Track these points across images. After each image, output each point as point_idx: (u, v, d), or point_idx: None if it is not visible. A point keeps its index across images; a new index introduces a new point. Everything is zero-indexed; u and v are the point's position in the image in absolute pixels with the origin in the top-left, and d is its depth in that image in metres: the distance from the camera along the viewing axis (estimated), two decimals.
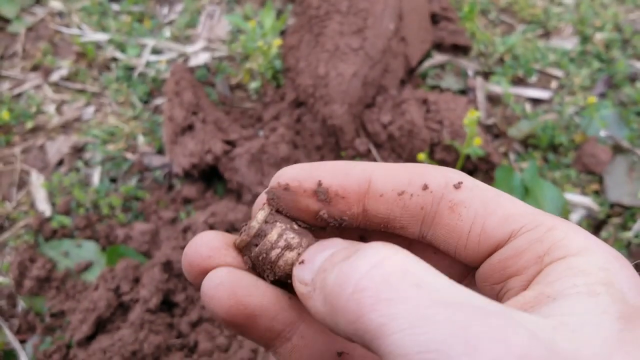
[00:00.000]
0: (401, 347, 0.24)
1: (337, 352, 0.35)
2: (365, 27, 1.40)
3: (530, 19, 1.79)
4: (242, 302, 0.33)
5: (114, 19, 1.79)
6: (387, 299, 0.25)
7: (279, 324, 0.35)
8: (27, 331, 1.15)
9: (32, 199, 1.37)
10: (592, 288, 0.28)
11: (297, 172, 0.36)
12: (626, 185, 1.35)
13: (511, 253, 0.33)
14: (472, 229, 0.34)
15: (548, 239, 0.32)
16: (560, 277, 0.29)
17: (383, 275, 0.26)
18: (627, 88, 1.56)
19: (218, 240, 0.36)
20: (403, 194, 0.35)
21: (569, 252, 0.31)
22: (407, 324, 0.24)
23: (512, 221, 0.33)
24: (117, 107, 1.57)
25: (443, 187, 0.35)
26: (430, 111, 1.38)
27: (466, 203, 0.34)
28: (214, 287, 0.33)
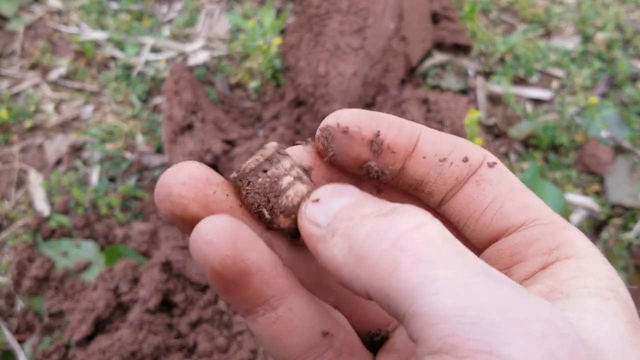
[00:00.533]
0: (439, 308, 0.23)
1: (323, 331, 0.33)
2: (366, 27, 1.40)
3: (531, 18, 1.78)
4: (240, 254, 0.30)
5: (112, 17, 1.79)
6: (428, 261, 0.25)
7: (270, 289, 0.32)
8: (25, 331, 1.15)
9: (30, 198, 1.36)
10: (602, 292, 0.29)
11: (358, 118, 0.35)
12: (627, 185, 1.35)
13: (523, 240, 0.33)
14: (490, 206, 0.34)
15: (560, 235, 0.32)
16: (572, 276, 0.30)
17: (424, 238, 0.26)
18: (628, 88, 1.56)
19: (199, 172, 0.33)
20: (444, 160, 0.35)
21: (578, 253, 0.31)
22: (448, 288, 0.24)
23: (530, 211, 0.34)
24: (116, 106, 1.56)
25: (480, 162, 0.35)
26: (431, 111, 1.37)
27: (493, 181, 0.35)
28: (214, 231, 0.30)
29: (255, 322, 0.33)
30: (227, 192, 0.34)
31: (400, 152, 0.35)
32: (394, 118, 0.36)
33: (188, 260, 1.13)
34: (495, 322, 0.23)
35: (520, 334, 0.23)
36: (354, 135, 0.35)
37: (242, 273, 0.31)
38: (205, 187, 0.33)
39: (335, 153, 0.35)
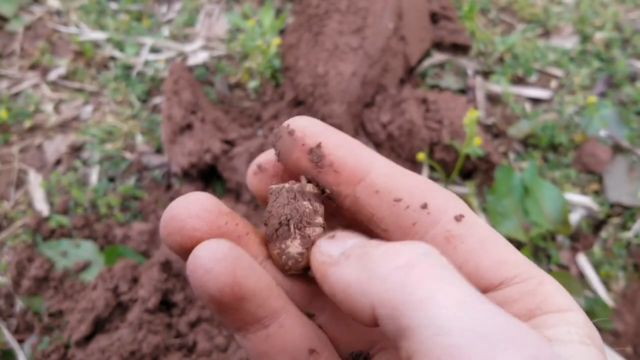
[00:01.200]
0: (443, 320, 0.25)
1: (310, 349, 0.34)
2: (365, 26, 1.40)
3: (530, 18, 1.78)
4: (238, 282, 0.31)
5: (112, 17, 1.79)
6: (436, 279, 0.26)
7: (264, 310, 0.33)
8: (25, 331, 1.15)
9: (30, 198, 1.37)
10: (582, 339, 0.30)
11: (309, 124, 0.35)
12: (626, 185, 1.35)
13: (502, 300, 0.33)
14: (464, 265, 0.34)
15: (540, 294, 0.33)
16: (555, 324, 0.31)
17: (433, 261, 0.28)
18: (627, 87, 1.56)
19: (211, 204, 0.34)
20: (400, 201, 0.34)
21: (559, 307, 0.32)
22: (453, 304, 0.25)
23: (506, 268, 0.33)
24: (116, 106, 1.56)
25: (442, 212, 0.34)
26: (430, 110, 1.38)
27: (464, 238, 0.34)
28: (214, 260, 0.30)
29: (245, 339, 0.33)
30: (236, 221, 0.35)
31: (344, 174, 0.35)
32: (350, 139, 0.35)
33: None
34: (496, 339, 0.24)
35: (516, 353, 0.24)
36: (296, 139, 0.35)
37: (238, 299, 0.31)
38: (217, 219, 0.33)
39: (279, 152, 0.36)
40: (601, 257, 1.25)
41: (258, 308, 0.32)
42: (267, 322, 0.33)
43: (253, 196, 1.28)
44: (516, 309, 0.33)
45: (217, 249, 0.31)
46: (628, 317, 1.16)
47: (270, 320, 0.33)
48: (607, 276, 1.23)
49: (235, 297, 0.31)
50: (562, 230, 1.25)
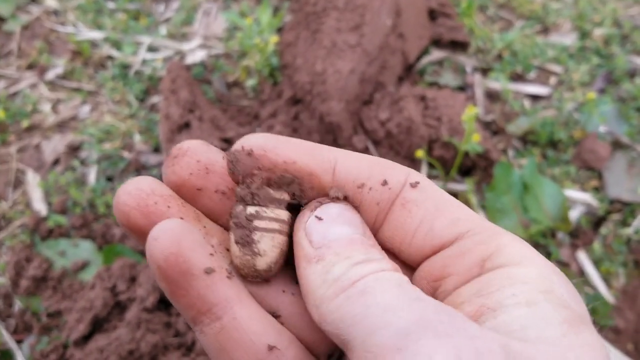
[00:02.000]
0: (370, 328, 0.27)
1: (268, 345, 0.33)
2: (363, 24, 1.40)
3: (529, 14, 1.78)
4: (183, 254, 0.31)
5: (109, 16, 1.78)
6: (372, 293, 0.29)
7: (213, 295, 0.32)
8: (23, 331, 1.15)
9: (28, 198, 1.36)
10: (530, 297, 0.29)
11: (264, 141, 0.35)
12: (626, 181, 1.35)
13: (456, 252, 0.33)
14: (419, 227, 0.34)
15: (493, 243, 0.33)
16: (499, 287, 0.31)
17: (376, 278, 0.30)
18: (626, 84, 1.56)
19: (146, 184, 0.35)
20: (362, 186, 0.35)
21: (510, 260, 0.32)
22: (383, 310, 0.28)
23: (461, 224, 0.34)
24: (113, 106, 1.56)
25: (402, 184, 0.35)
26: (429, 108, 1.37)
27: (418, 201, 0.35)
28: (162, 230, 0.31)
29: (202, 333, 0.33)
30: (169, 204, 0.35)
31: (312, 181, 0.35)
32: (308, 145, 0.36)
33: None
34: (410, 328, 0.26)
35: (429, 334, 0.26)
36: (259, 158, 0.35)
37: (184, 274, 0.31)
38: (148, 197, 0.34)
39: (242, 176, 0.35)
40: (601, 254, 1.25)
41: (206, 290, 0.32)
42: (219, 311, 0.32)
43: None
44: (468, 260, 0.33)
45: (169, 222, 0.32)
46: (629, 314, 1.16)
47: (222, 310, 0.32)
48: (608, 273, 1.23)
49: (181, 270, 0.31)
50: (562, 227, 1.24)
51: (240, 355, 0.32)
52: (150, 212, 0.34)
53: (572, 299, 0.30)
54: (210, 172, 0.36)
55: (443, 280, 0.34)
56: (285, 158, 0.35)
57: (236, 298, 0.33)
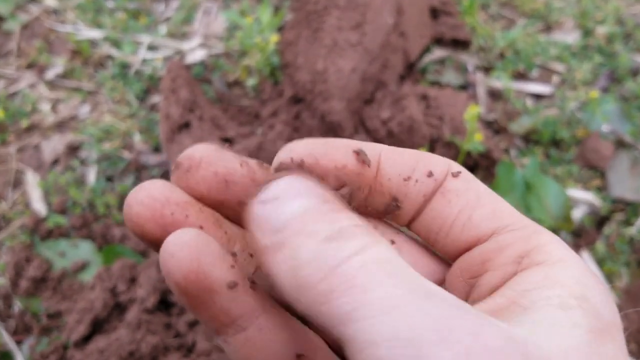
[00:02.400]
0: (368, 333, 0.23)
1: (297, 354, 0.32)
2: (364, 22, 1.39)
3: (531, 13, 1.77)
4: (204, 271, 0.29)
5: (109, 15, 1.78)
6: (361, 286, 0.24)
7: (237, 308, 0.30)
8: (23, 332, 1.14)
9: (27, 198, 1.36)
10: (565, 301, 0.28)
11: (313, 148, 0.33)
12: (629, 180, 1.34)
13: (494, 247, 0.32)
14: (458, 216, 0.33)
15: (533, 241, 0.31)
16: (535, 286, 0.29)
17: (361, 263, 0.25)
18: (629, 82, 1.55)
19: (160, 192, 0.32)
20: (409, 179, 0.34)
21: (548, 259, 0.30)
22: (378, 311, 0.23)
23: (500, 217, 0.33)
24: (113, 105, 1.55)
25: (444, 174, 0.34)
26: (430, 107, 1.36)
27: (459, 191, 0.33)
28: (179, 245, 0.29)
29: (226, 343, 0.31)
30: (186, 212, 0.32)
31: (362, 180, 0.34)
32: (353, 143, 0.34)
33: None
34: (423, 342, 0.22)
35: (445, 352, 0.22)
36: (312, 168, 0.33)
37: (206, 290, 0.29)
38: (163, 207, 0.32)
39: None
40: (604, 254, 1.24)
41: (230, 303, 0.30)
42: (244, 323, 0.31)
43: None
44: (507, 254, 0.32)
45: (183, 235, 0.29)
46: (632, 314, 1.15)
47: (247, 322, 0.31)
48: (611, 272, 1.22)
49: (202, 287, 0.29)
50: (565, 227, 1.23)
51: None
52: (167, 224, 0.32)
53: (605, 306, 0.29)
54: (230, 184, 0.34)
55: (481, 277, 0.32)
56: (337, 163, 0.33)
57: (261, 308, 0.31)
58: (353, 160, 0.34)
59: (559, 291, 0.28)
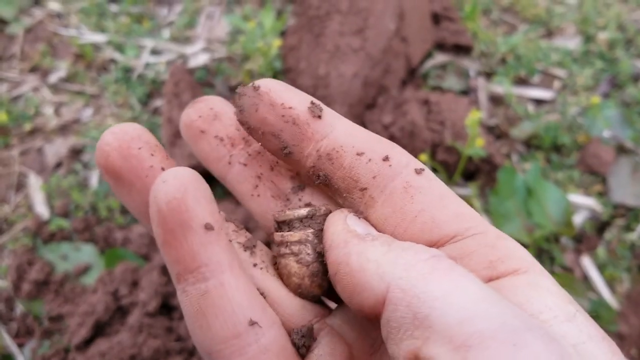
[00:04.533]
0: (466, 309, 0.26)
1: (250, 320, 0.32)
2: (366, 27, 1.39)
3: (533, 18, 1.77)
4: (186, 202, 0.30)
5: (112, 20, 1.78)
6: (459, 275, 0.28)
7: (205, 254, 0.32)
8: (25, 335, 1.14)
9: (30, 201, 1.36)
10: (565, 309, 0.29)
11: (273, 85, 0.36)
12: (630, 186, 1.34)
13: (460, 252, 0.33)
14: (420, 214, 0.33)
15: (500, 247, 0.32)
16: (529, 297, 0.30)
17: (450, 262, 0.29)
18: (630, 88, 1.55)
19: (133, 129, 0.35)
20: (361, 155, 0.35)
21: (522, 266, 0.31)
22: (473, 296, 0.27)
23: (462, 220, 0.33)
24: (116, 109, 1.56)
25: (404, 165, 0.35)
26: (432, 112, 1.37)
27: (423, 189, 0.34)
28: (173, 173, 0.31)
29: (184, 293, 0.31)
30: (152, 152, 0.34)
31: (305, 130, 0.35)
32: (312, 98, 0.36)
33: None
34: (520, 328, 0.25)
35: (537, 338, 0.25)
36: (262, 94, 0.35)
37: (183, 223, 0.30)
38: (132, 141, 0.34)
39: (242, 110, 0.35)
40: (605, 259, 1.24)
41: (200, 246, 0.30)
42: (208, 273, 0.30)
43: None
44: (475, 261, 0.32)
45: (180, 169, 0.31)
46: (633, 319, 1.15)
47: (210, 273, 0.30)
48: (612, 278, 1.22)
49: (181, 218, 0.30)
50: (566, 232, 1.23)
51: (218, 323, 0.31)
52: (131, 156, 0.33)
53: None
54: (217, 119, 0.38)
55: None
56: (286, 101, 0.35)
57: (227, 264, 0.31)
58: (304, 107, 0.35)
59: (553, 299, 0.30)
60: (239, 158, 0.39)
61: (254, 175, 0.39)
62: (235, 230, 0.37)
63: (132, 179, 0.33)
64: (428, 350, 0.26)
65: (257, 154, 0.39)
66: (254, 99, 0.35)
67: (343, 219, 0.34)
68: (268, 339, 0.32)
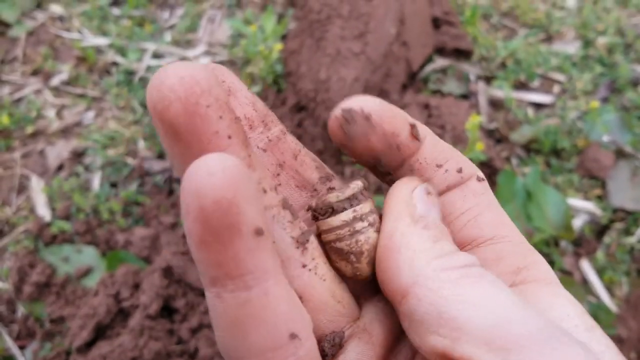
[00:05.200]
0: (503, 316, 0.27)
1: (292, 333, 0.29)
2: (367, 32, 1.40)
3: (532, 23, 1.78)
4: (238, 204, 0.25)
5: (114, 23, 1.79)
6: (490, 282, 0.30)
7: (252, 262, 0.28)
8: (26, 337, 1.15)
9: (32, 204, 1.36)
10: (585, 320, 0.31)
11: (382, 109, 0.35)
12: (629, 190, 1.34)
13: (492, 255, 0.35)
14: (466, 212, 0.36)
15: (529, 257, 0.34)
16: (552, 304, 0.32)
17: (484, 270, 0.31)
18: (629, 92, 1.56)
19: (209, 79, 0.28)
20: (440, 167, 0.37)
21: (546, 277, 0.34)
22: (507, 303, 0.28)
23: (502, 227, 0.36)
24: (118, 112, 1.56)
25: (471, 176, 0.37)
26: (432, 116, 1.37)
27: (476, 192, 0.36)
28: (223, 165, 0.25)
29: (219, 299, 0.27)
30: (221, 113, 0.28)
31: (405, 152, 0.36)
32: (406, 115, 0.37)
33: (189, 266, 1.12)
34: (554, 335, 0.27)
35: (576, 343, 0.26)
36: (375, 125, 0.35)
37: (231, 227, 0.26)
38: (202, 95, 0.27)
39: (351, 138, 0.35)
40: (604, 263, 1.25)
41: (246, 254, 0.26)
42: (252, 282, 0.27)
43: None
44: (505, 264, 0.34)
45: (230, 158, 0.26)
46: (632, 323, 1.16)
47: (255, 281, 0.27)
48: (611, 281, 1.23)
49: (229, 222, 0.25)
50: (566, 236, 1.24)
51: (257, 335, 0.28)
52: (197, 114, 0.27)
53: None
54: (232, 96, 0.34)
55: None
56: (394, 129, 0.35)
57: (273, 272, 0.28)
58: (407, 132, 0.36)
59: (574, 309, 0.32)
60: (258, 142, 0.35)
61: (275, 162, 0.36)
62: (291, 221, 0.33)
63: (191, 140, 0.28)
64: (463, 350, 0.27)
65: (277, 140, 0.36)
66: (366, 129, 0.35)
67: (410, 190, 0.34)
68: (305, 350, 0.29)
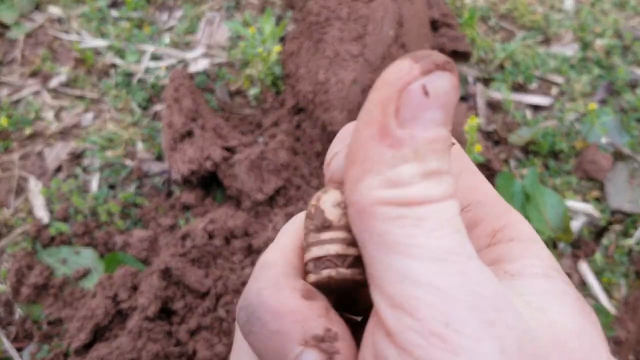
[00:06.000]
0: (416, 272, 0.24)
1: None
2: (365, 34, 1.40)
3: (531, 25, 1.79)
4: None
5: (113, 25, 1.79)
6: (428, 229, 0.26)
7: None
8: (24, 339, 1.14)
9: (30, 205, 1.36)
10: (547, 271, 0.30)
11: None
12: (627, 192, 1.35)
13: (468, 220, 0.34)
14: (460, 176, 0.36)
15: (504, 218, 0.34)
16: (517, 257, 0.31)
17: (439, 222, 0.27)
18: (627, 94, 1.56)
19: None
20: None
21: (521, 236, 0.33)
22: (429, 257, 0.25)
23: (476, 192, 0.35)
24: (116, 114, 1.56)
25: None
26: None
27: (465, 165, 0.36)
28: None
29: None
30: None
31: None
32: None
33: (187, 268, 1.12)
34: (458, 299, 0.24)
35: (474, 315, 0.24)
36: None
37: None
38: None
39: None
40: (603, 265, 1.25)
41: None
42: None
43: (258, 203, 1.28)
44: (481, 228, 0.34)
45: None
46: (630, 325, 1.16)
47: None
48: (609, 283, 1.23)
49: None
50: (564, 238, 1.24)
51: None
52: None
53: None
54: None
55: None
56: None
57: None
58: None
59: (539, 262, 0.31)
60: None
61: None
62: None
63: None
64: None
65: None
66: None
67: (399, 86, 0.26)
68: None
